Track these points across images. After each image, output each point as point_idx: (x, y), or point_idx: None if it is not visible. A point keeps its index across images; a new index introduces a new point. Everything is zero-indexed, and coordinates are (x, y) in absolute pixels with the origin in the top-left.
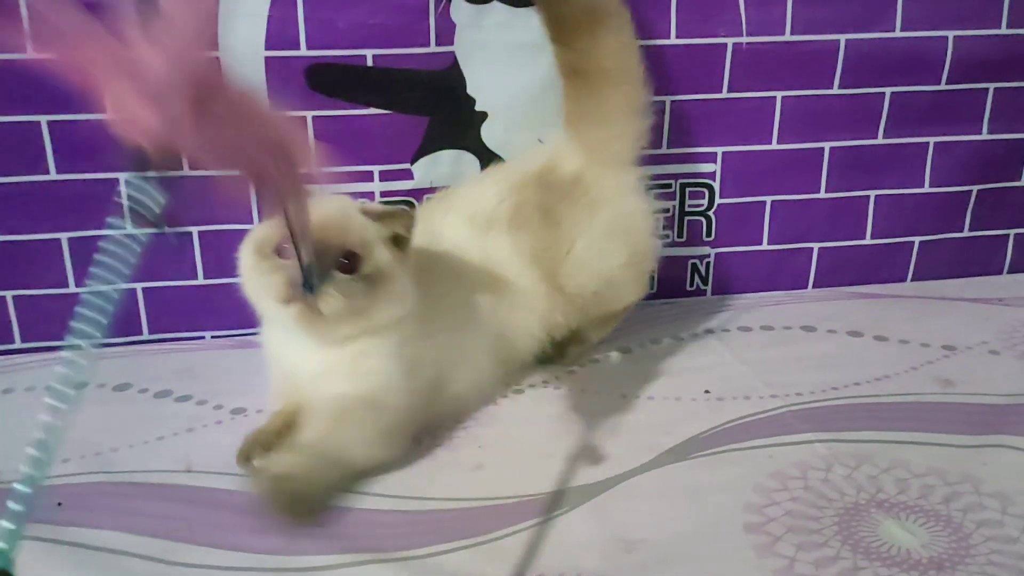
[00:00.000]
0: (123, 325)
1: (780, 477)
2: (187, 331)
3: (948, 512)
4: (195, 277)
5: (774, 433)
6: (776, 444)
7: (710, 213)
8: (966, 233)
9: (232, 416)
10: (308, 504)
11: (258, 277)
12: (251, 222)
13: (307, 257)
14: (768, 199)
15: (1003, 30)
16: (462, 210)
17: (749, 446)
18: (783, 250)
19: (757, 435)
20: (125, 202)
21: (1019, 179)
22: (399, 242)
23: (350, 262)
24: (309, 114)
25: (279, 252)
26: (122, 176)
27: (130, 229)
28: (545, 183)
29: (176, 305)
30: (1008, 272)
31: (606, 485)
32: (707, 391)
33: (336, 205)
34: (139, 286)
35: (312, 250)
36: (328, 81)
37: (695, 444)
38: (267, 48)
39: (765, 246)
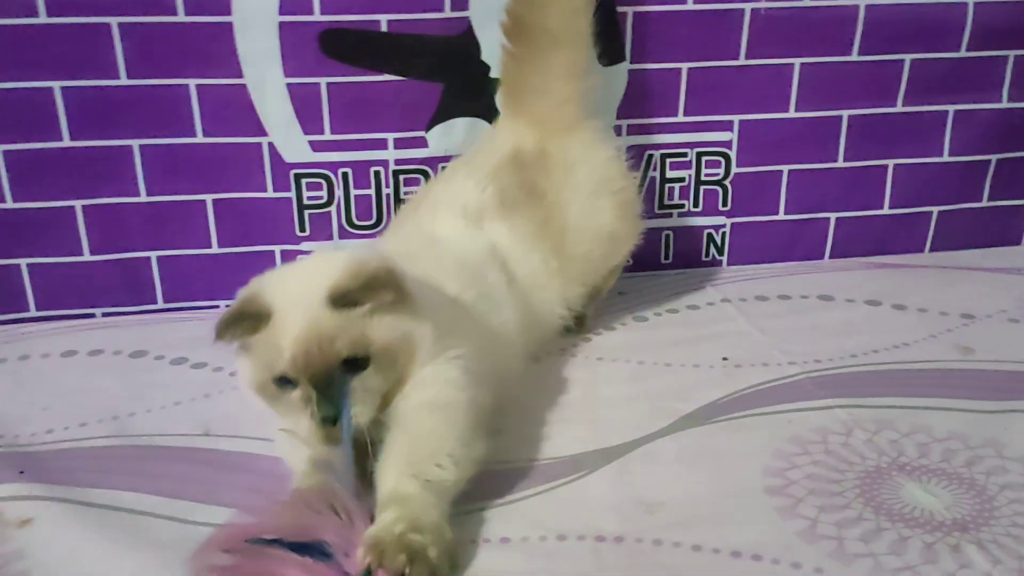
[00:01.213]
0: (138, 293)
1: (800, 442)
2: (202, 300)
3: (971, 475)
4: (209, 246)
5: (793, 399)
6: (795, 410)
7: (726, 182)
8: (985, 203)
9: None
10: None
11: (283, 414)
12: (264, 190)
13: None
14: (785, 168)
15: None
16: (448, 206)
17: (768, 411)
18: (800, 220)
19: (776, 401)
20: None
21: None
22: (391, 298)
23: (358, 363)
24: (323, 80)
25: (285, 382)
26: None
27: None
28: (517, 163)
29: (191, 274)
30: None
31: (625, 449)
32: (725, 358)
33: (300, 316)
34: (153, 254)
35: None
36: (342, 46)
37: (714, 409)
38: (281, 13)
39: (782, 216)
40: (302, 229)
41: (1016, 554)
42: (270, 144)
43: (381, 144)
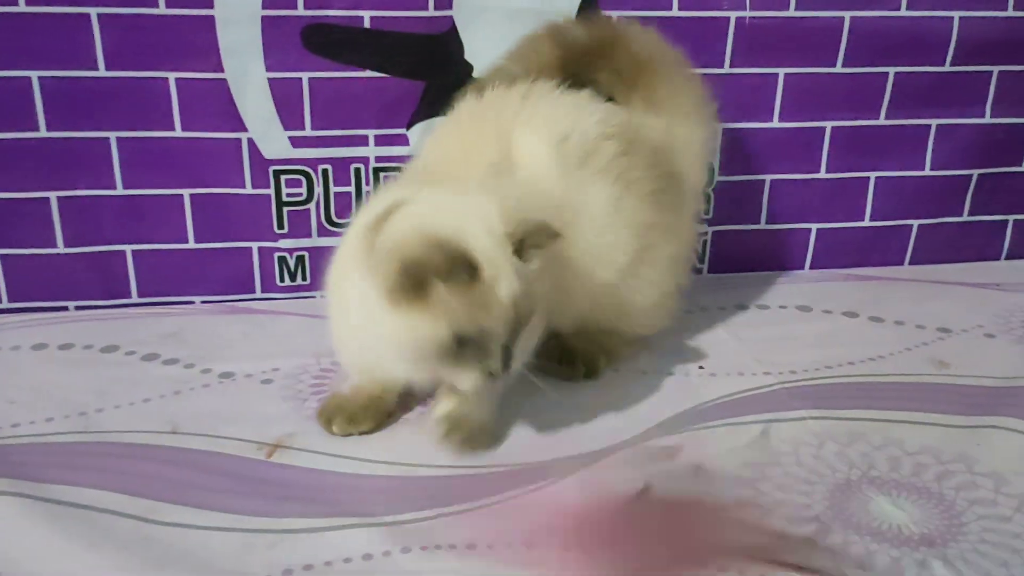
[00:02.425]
0: (112, 287)
1: (772, 452)
2: (176, 295)
3: (940, 490)
4: (186, 241)
5: (767, 409)
6: (769, 420)
7: (708, 191)
8: (965, 217)
9: (220, 380)
10: (482, 433)
11: (448, 371)
12: (242, 186)
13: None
14: (767, 178)
15: (1009, 12)
16: (546, 130)
17: (741, 421)
18: (781, 230)
19: (750, 411)
20: None
21: (1020, 164)
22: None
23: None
24: (305, 75)
25: (462, 343)
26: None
27: None
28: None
29: (166, 269)
30: (1006, 258)
31: (596, 456)
32: (701, 367)
33: (509, 272)
34: (129, 248)
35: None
36: (324, 41)
37: (687, 419)
38: (264, 7)
39: (763, 225)
40: (280, 226)
41: (981, 570)
42: (249, 139)
43: (362, 141)
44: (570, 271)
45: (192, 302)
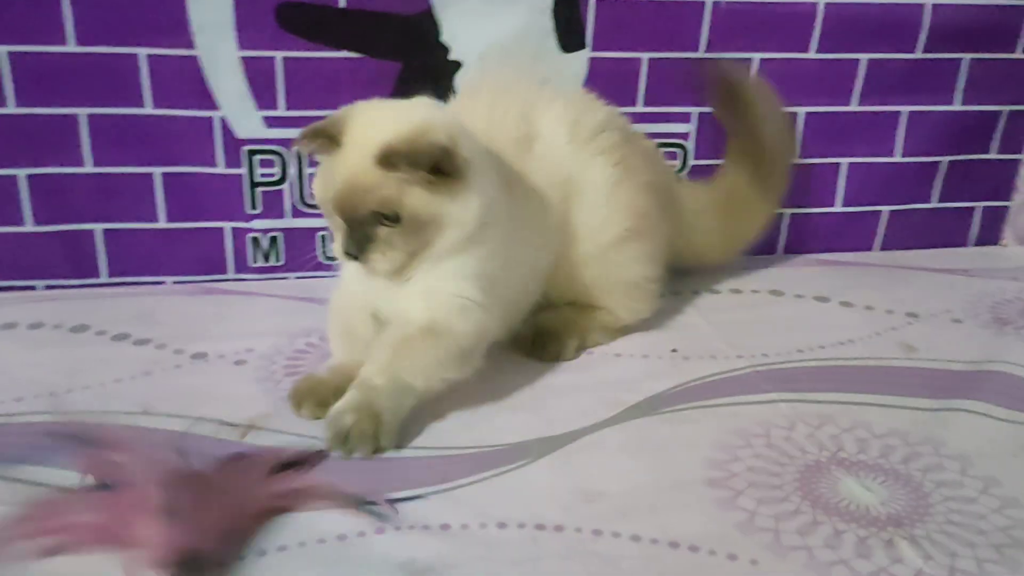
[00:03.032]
0: (82, 266)
1: (743, 434)
2: (148, 275)
3: (908, 471)
4: (156, 220)
5: (739, 392)
6: (740, 403)
7: (683, 174)
8: (935, 204)
9: (192, 361)
10: (382, 436)
11: (330, 226)
12: (214, 165)
13: None
14: None
15: None
16: (564, 111)
17: (713, 404)
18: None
19: (722, 393)
20: None
21: (989, 151)
22: (436, 172)
23: (388, 218)
24: (279, 54)
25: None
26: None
27: None
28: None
29: (137, 248)
30: (975, 244)
31: (570, 438)
32: (674, 350)
33: (353, 160)
34: (99, 227)
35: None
36: (299, 21)
37: (660, 401)
38: None
39: None
40: (253, 206)
41: (947, 550)
42: (222, 118)
43: None
44: (565, 238)
45: (163, 282)
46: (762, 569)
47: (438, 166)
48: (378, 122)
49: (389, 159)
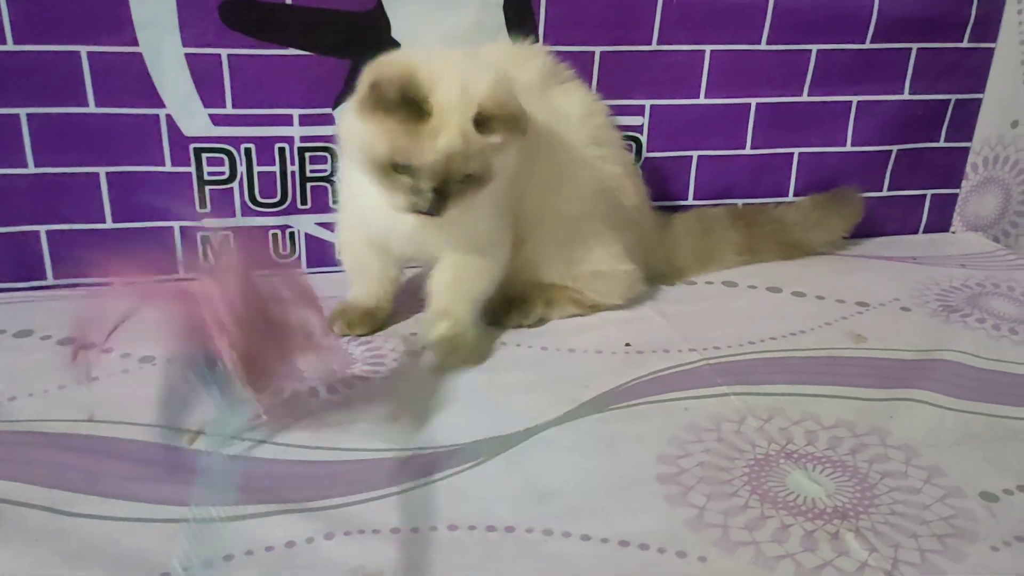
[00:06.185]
0: (26, 269)
1: (695, 429)
2: (95, 277)
3: (854, 463)
4: (103, 221)
5: (691, 386)
6: (692, 397)
7: (637, 166)
8: (885, 192)
9: (140, 365)
10: (475, 351)
11: (385, 187)
12: (161, 164)
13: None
14: (695, 154)
15: None
16: (570, 95)
17: (666, 399)
18: (708, 205)
19: (674, 388)
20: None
21: (938, 140)
22: (516, 134)
23: (475, 179)
24: (224, 51)
25: (397, 169)
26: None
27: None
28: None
29: (82, 249)
30: (923, 232)
31: (522, 436)
32: (628, 344)
33: (451, 128)
34: (43, 228)
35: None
36: (245, 18)
37: (613, 396)
38: None
39: (691, 201)
40: (202, 205)
41: (891, 541)
42: (168, 116)
43: (286, 120)
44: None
45: (111, 283)
46: (711, 566)
47: (520, 130)
48: (463, 86)
49: (488, 124)
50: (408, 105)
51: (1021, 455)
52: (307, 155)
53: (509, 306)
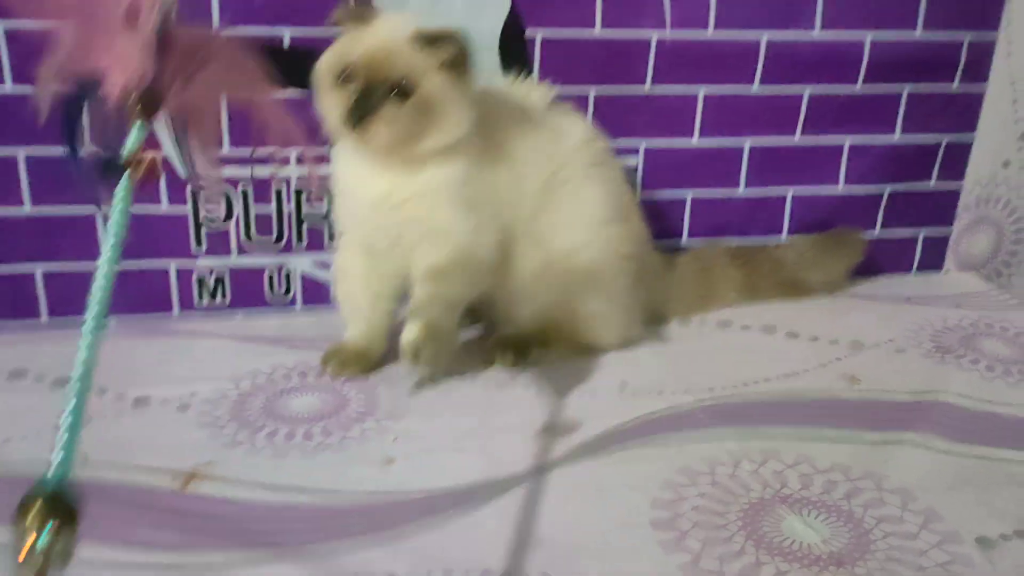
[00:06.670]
0: (20, 307)
1: (689, 473)
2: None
3: (850, 508)
4: (98, 259)
5: (686, 428)
6: (687, 440)
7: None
8: (878, 232)
9: (134, 407)
10: (447, 351)
11: (324, 101)
12: (158, 203)
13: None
14: (689, 194)
15: (918, 33)
16: (572, 121)
17: (661, 442)
18: (703, 245)
19: (669, 430)
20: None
21: (930, 180)
22: (455, 65)
23: (400, 92)
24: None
25: (345, 78)
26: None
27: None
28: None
29: (78, 288)
30: (916, 270)
31: (518, 480)
32: (623, 384)
33: (386, 33)
34: (38, 268)
35: (359, 88)
36: None
37: (608, 439)
38: (178, 21)
39: (686, 239)
40: (198, 244)
41: None
42: (164, 158)
43: (283, 160)
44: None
45: (107, 324)
46: None
47: (459, 60)
48: (413, 19)
49: (423, 37)
50: (358, 16)
51: (1017, 500)
52: (303, 195)
53: (505, 345)
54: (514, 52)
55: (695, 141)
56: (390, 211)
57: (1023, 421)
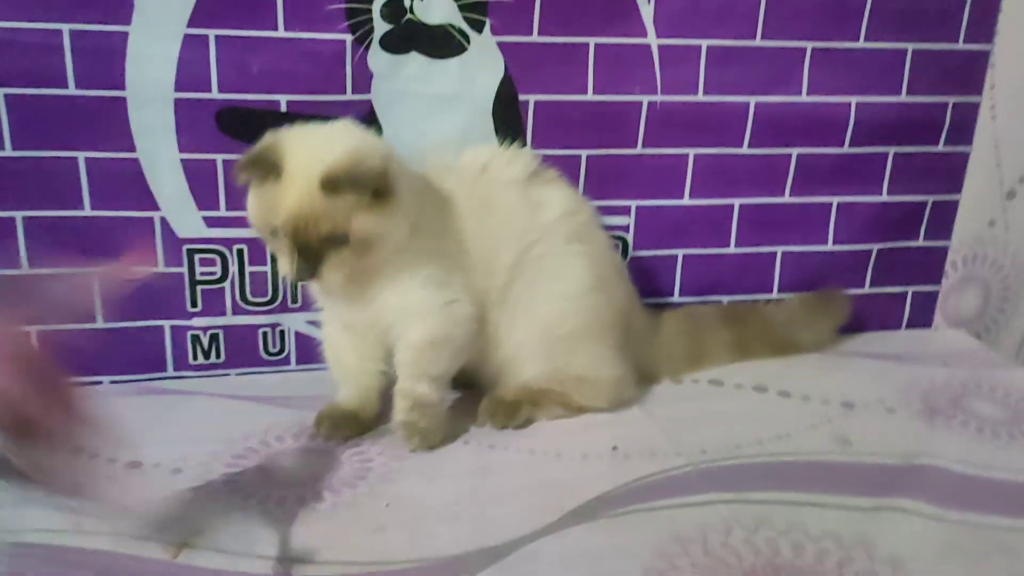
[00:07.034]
0: None
1: (681, 540)
2: (85, 375)
3: None
4: (94, 321)
5: (678, 493)
6: (679, 505)
7: (624, 265)
8: (866, 290)
9: (127, 471)
10: (439, 424)
11: (275, 254)
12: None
13: None
14: (680, 252)
15: (902, 97)
16: (554, 192)
17: (652, 507)
18: (693, 303)
19: (661, 495)
20: None
21: (917, 239)
22: (377, 196)
23: (335, 240)
24: (219, 157)
25: (278, 234)
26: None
27: None
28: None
29: (73, 349)
30: (905, 327)
31: (509, 548)
32: (615, 447)
33: (298, 188)
34: (33, 328)
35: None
36: (240, 125)
37: (600, 505)
38: (177, 89)
39: (677, 298)
40: (194, 304)
41: None
42: (162, 218)
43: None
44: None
45: (101, 382)
46: None
47: (378, 191)
48: (315, 149)
49: (334, 185)
50: (266, 169)
51: (1008, 568)
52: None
53: (496, 406)
54: (507, 116)
55: (686, 201)
56: (364, 305)
57: (1013, 485)
